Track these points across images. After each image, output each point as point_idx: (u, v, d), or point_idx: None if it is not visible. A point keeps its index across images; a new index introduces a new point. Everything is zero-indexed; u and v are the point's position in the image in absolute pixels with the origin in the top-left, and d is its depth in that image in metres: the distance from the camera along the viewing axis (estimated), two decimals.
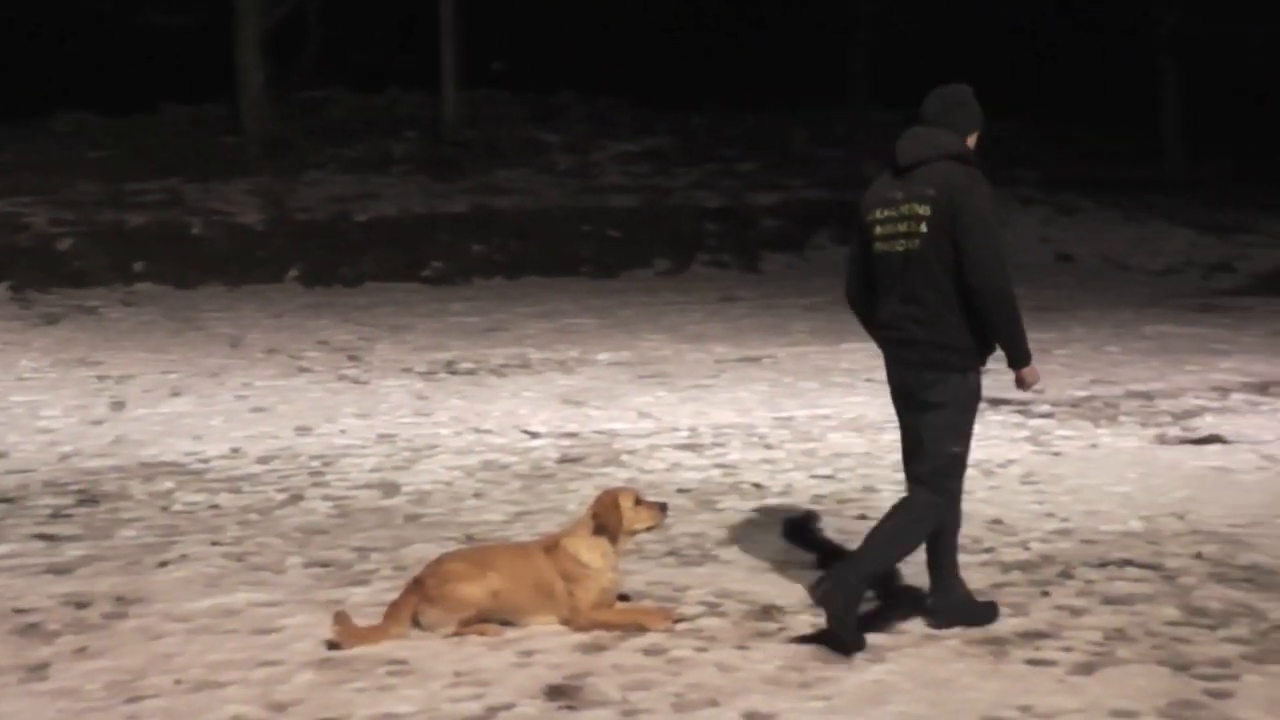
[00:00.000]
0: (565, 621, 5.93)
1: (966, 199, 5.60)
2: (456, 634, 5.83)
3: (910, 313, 5.75)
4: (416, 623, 5.87)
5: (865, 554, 5.80)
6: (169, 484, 8.62)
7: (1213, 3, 24.32)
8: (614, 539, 5.98)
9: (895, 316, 5.81)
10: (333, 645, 5.74)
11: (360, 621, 5.93)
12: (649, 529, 6.16)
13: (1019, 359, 5.75)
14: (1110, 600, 6.31)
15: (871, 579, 5.81)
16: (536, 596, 5.94)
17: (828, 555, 7.01)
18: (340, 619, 5.79)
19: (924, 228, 5.65)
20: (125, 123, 23.78)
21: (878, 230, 5.82)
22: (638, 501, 6.09)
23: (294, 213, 20.14)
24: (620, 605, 6.07)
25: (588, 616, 5.90)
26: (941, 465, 5.80)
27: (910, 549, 5.89)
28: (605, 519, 5.98)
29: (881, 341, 5.97)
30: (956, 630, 5.92)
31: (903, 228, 5.71)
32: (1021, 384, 5.86)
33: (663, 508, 6.18)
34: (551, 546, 6.03)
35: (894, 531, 5.80)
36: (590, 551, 5.96)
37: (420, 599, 5.86)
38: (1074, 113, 26.84)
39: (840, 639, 5.65)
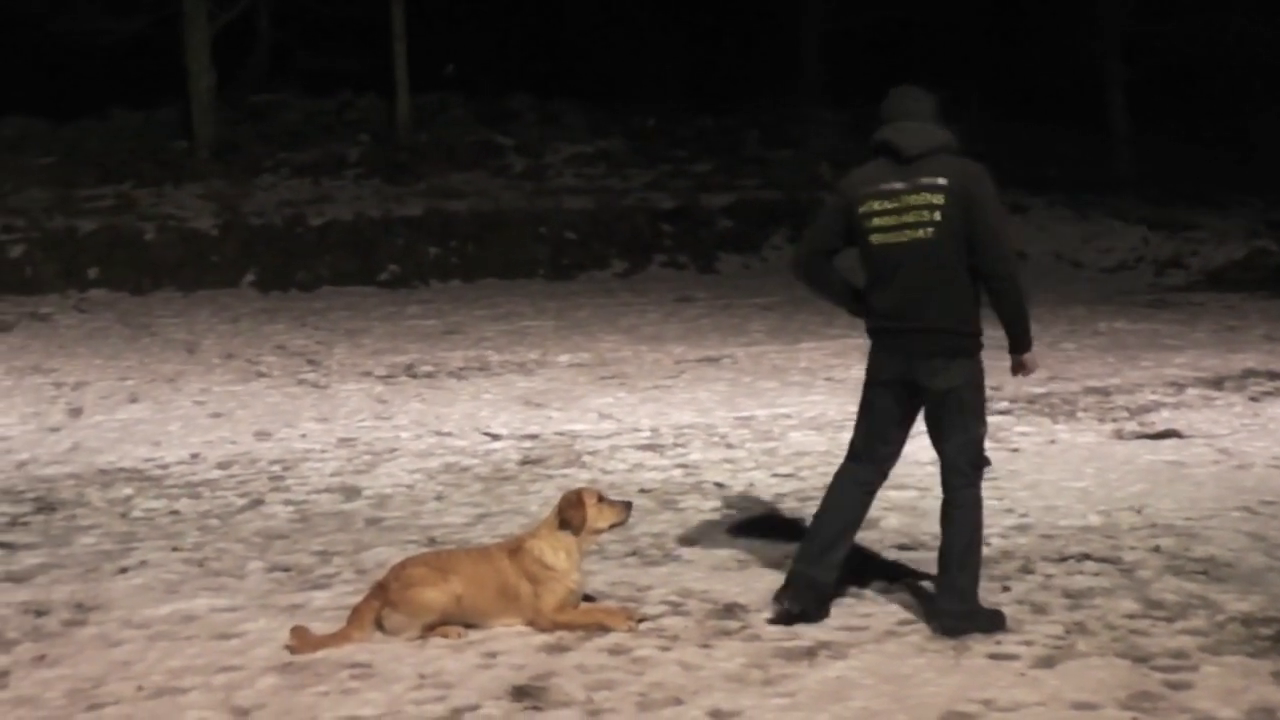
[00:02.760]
0: (530, 623, 5.94)
1: (980, 189, 5.74)
2: (420, 638, 5.83)
3: (919, 300, 5.78)
4: (380, 627, 5.86)
5: (952, 573, 5.87)
6: (127, 490, 8.56)
7: (1158, 6, 24.55)
8: (578, 533, 5.99)
9: (901, 305, 5.83)
10: (292, 651, 5.73)
11: (321, 627, 5.91)
12: (613, 526, 6.16)
13: (1024, 343, 5.94)
14: (1069, 594, 6.36)
15: (973, 589, 5.91)
16: (500, 600, 5.94)
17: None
18: (297, 632, 5.79)
19: (938, 216, 5.73)
20: (73, 129, 23.56)
21: (875, 222, 5.82)
22: (600, 499, 6.11)
23: (247, 217, 20.03)
24: (584, 606, 6.07)
25: (552, 618, 5.91)
26: (973, 449, 5.90)
27: (980, 539, 5.95)
28: (570, 514, 5.99)
29: (879, 331, 5.95)
30: (918, 626, 5.97)
31: (910, 218, 5.76)
32: (1023, 368, 6.03)
33: (627, 505, 6.19)
34: (515, 549, 6.03)
35: (967, 537, 5.88)
36: (555, 553, 5.97)
37: (383, 604, 5.86)
38: (1022, 111, 27.02)
39: (990, 623, 5.85)
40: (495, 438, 9.91)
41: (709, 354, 13.32)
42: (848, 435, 9.88)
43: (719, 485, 8.53)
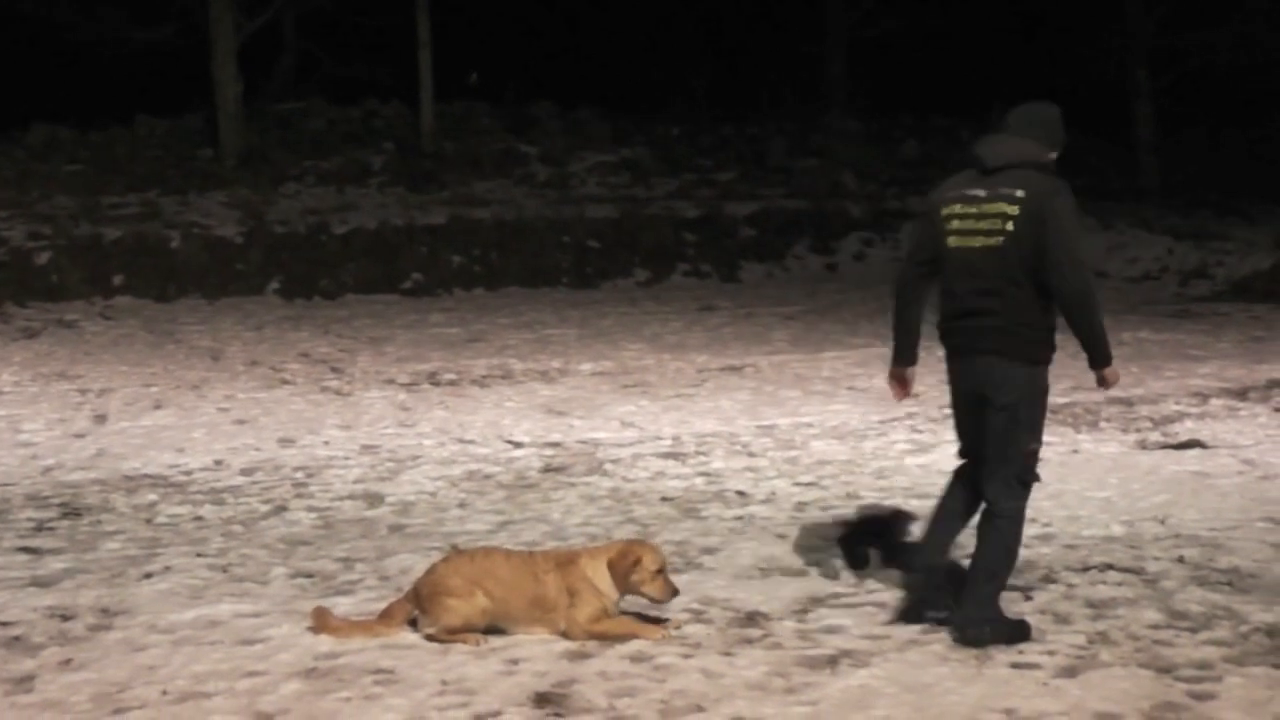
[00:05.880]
0: (562, 634, 5.92)
1: (1054, 203, 5.80)
2: (446, 641, 5.86)
3: (987, 304, 5.85)
4: (414, 627, 5.93)
5: (979, 582, 5.87)
6: (152, 496, 8.61)
7: (1185, 16, 24.49)
8: (617, 586, 5.93)
9: (969, 309, 5.90)
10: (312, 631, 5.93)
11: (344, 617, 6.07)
12: (650, 599, 6.00)
13: (1101, 359, 5.94)
14: (1092, 604, 6.36)
15: (996, 599, 5.92)
16: (533, 609, 5.93)
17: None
18: (318, 612, 5.99)
19: (1010, 226, 5.82)
20: (100, 136, 23.71)
21: (954, 224, 5.94)
22: (660, 571, 5.97)
23: (272, 225, 20.11)
24: (618, 617, 6.02)
25: (586, 628, 5.89)
26: (1022, 464, 5.92)
27: (1017, 553, 5.97)
28: (621, 564, 5.90)
29: (948, 332, 6.00)
30: (940, 634, 5.96)
31: (984, 225, 5.87)
32: (1104, 383, 6.04)
33: (674, 591, 6.04)
34: (567, 562, 5.98)
35: (1003, 549, 5.91)
36: (607, 581, 5.93)
37: (415, 605, 5.96)
38: None
39: (1017, 634, 5.87)
40: (518, 445, 9.93)
41: (731, 363, 13.33)
42: (870, 444, 9.92)
43: (741, 494, 8.54)
